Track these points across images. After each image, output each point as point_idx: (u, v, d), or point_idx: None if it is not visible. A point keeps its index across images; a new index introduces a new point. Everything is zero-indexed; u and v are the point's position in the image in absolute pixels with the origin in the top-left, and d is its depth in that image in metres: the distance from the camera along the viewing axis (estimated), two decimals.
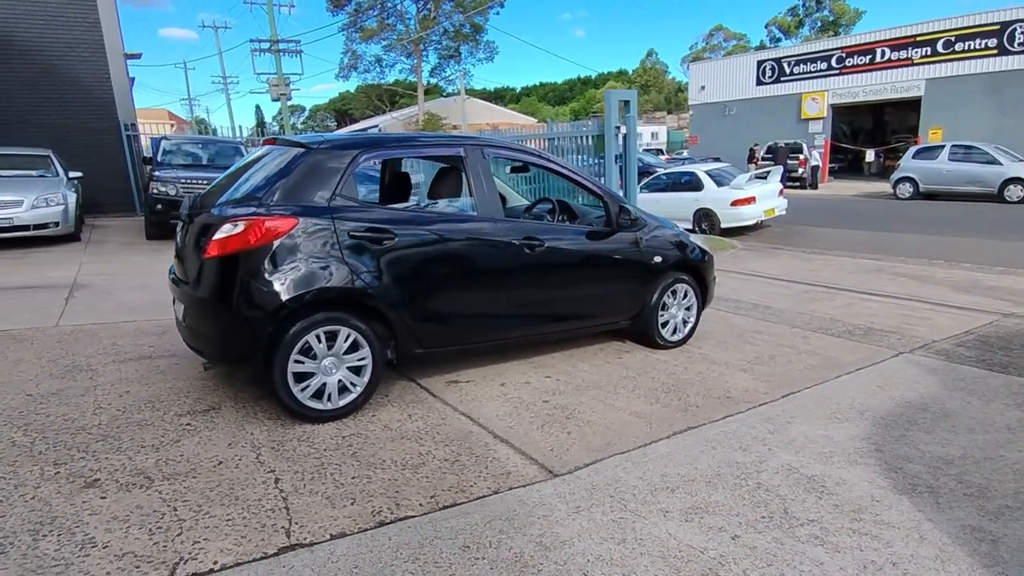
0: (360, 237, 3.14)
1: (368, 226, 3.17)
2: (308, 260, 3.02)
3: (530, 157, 4.01)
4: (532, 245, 3.69)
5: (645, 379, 3.93)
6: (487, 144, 3.79)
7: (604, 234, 4.10)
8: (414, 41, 43.54)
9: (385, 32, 43.86)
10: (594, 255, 4.03)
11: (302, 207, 3.05)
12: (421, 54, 44.66)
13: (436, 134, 3.98)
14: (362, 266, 3.14)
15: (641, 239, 4.26)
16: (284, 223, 2.98)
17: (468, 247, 3.49)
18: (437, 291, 3.42)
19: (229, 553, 2.07)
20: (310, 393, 3.10)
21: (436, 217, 3.52)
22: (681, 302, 4.57)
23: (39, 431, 2.96)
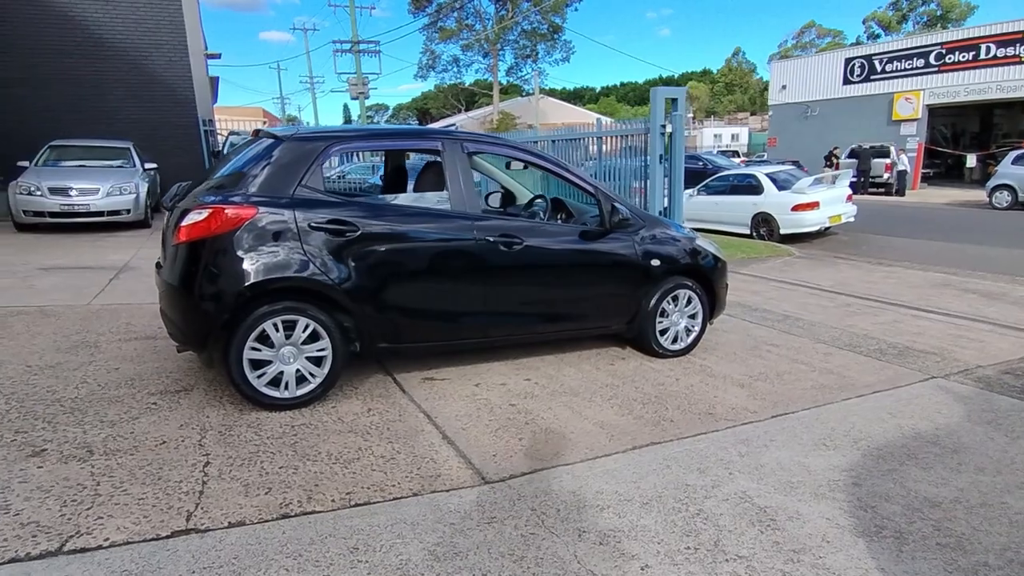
0: (321, 228, 3.14)
1: (329, 217, 3.16)
2: (267, 249, 3.05)
3: (514, 152, 3.88)
4: (509, 243, 3.57)
5: (628, 388, 3.72)
6: (466, 139, 3.70)
7: (596, 234, 3.92)
8: (491, 41, 43.99)
9: (463, 32, 44.52)
10: (581, 255, 3.85)
11: (264, 197, 3.09)
12: (498, 54, 45.05)
13: (412, 127, 3.94)
14: (322, 257, 3.14)
15: (637, 241, 4.03)
16: (243, 212, 3.02)
17: (436, 243, 3.42)
18: (402, 286, 3.37)
19: (124, 531, 2.11)
20: (266, 381, 3.13)
21: (404, 211, 3.46)
22: (684, 309, 4.30)
23: (19, 400, 3.16)
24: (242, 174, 3.17)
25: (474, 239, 3.48)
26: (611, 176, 9.68)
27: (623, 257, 3.97)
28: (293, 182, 3.15)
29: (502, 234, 3.56)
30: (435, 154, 3.59)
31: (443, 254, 3.44)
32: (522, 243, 3.61)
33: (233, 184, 3.13)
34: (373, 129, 3.56)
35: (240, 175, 3.17)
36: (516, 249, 3.59)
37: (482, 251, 3.50)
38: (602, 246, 3.91)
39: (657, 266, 4.09)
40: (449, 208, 3.51)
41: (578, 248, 3.84)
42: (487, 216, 3.59)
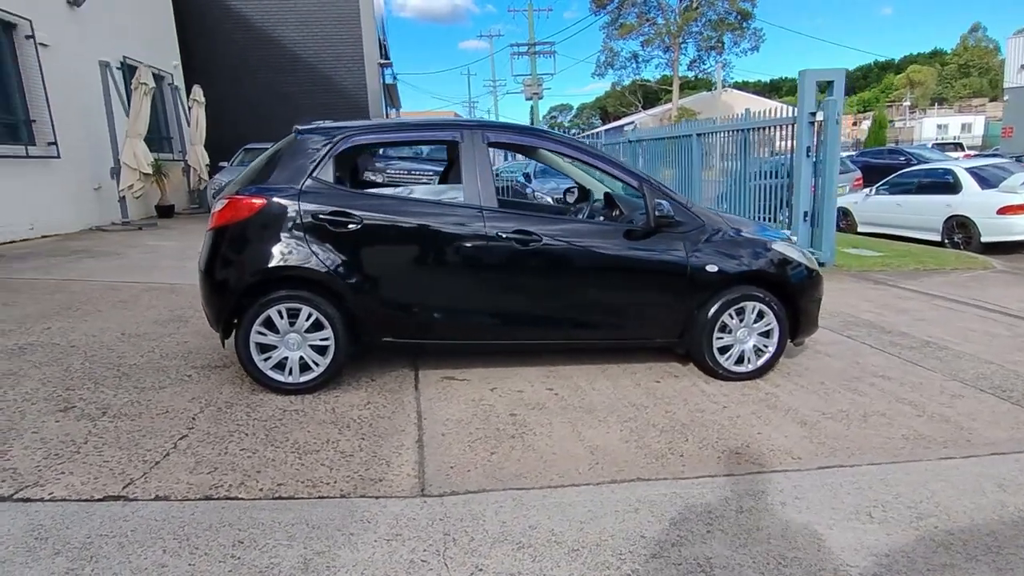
0: (324, 220, 3.18)
1: (332, 209, 3.19)
2: (272, 239, 3.17)
3: (540, 142, 3.56)
4: (524, 240, 3.30)
5: (655, 411, 3.23)
6: (488, 128, 3.49)
7: (638, 233, 3.46)
8: (673, 34, 42.26)
9: (643, 27, 43.33)
10: (614, 257, 3.43)
11: (275, 189, 3.21)
12: (679, 47, 43.13)
13: (434, 119, 3.79)
14: (323, 248, 3.18)
15: (690, 242, 3.48)
16: (252, 204, 3.17)
17: (442, 237, 3.27)
18: (404, 280, 3.29)
19: (69, 489, 2.31)
20: (271, 364, 3.26)
21: (411, 204, 3.36)
22: (752, 325, 3.63)
23: (92, 362, 3.68)
24: (266, 167, 3.33)
25: (484, 235, 3.27)
26: (745, 177, 8.66)
27: (668, 260, 3.46)
28: (303, 175, 3.24)
29: (517, 230, 3.30)
30: (454, 146, 3.44)
31: (449, 249, 3.29)
32: (540, 240, 3.31)
33: (257, 177, 3.31)
34: (389, 123, 3.52)
35: (264, 168, 3.33)
36: (533, 247, 3.31)
37: (493, 248, 3.28)
38: (642, 247, 3.45)
39: (714, 272, 3.49)
40: (461, 201, 3.35)
41: (611, 248, 3.42)
42: (501, 210, 3.35)
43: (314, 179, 3.23)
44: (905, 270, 7.67)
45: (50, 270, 6.26)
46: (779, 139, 8.16)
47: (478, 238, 3.27)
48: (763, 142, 8.54)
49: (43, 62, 9.12)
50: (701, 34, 42.83)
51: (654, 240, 3.46)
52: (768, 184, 8.36)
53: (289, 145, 3.34)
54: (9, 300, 5.01)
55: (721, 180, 9.72)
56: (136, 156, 10.19)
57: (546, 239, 3.32)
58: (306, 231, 3.17)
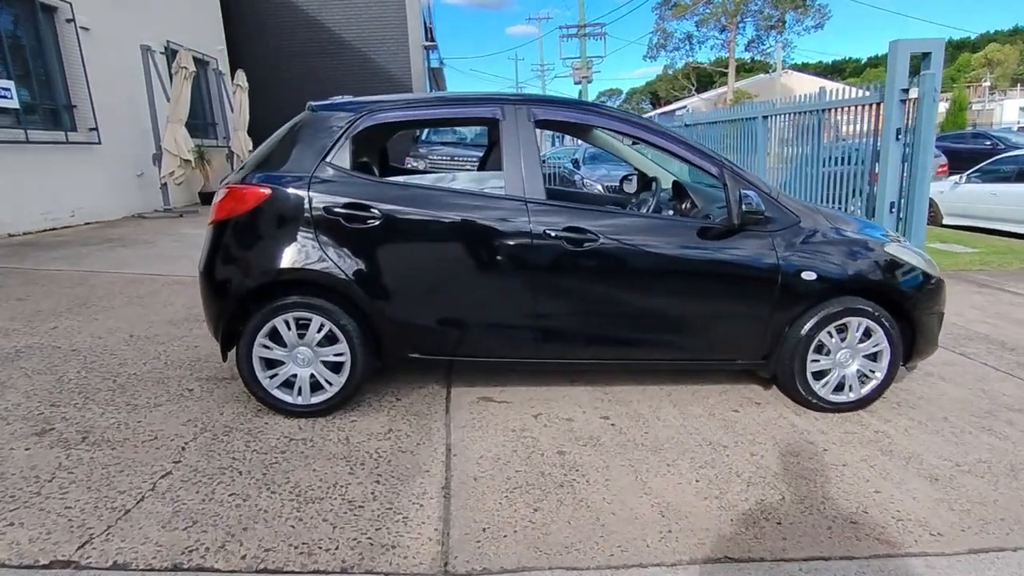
0: (338, 214, 2.66)
1: (346, 201, 2.66)
2: (278, 236, 2.68)
3: (599, 120, 2.93)
4: (578, 239, 2.70)
5: (738, 454, 2.61)
6: (536, 103, 2.88)
7: (717, 232, 2.82)
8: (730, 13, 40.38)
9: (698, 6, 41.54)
10: (686, 260, 2.79)
11: (281, 176, 2.71)
12: (737, 27, 41.18)
13: (468, 93, 3.19)
14: (337, 247, 2.67)
15: (780, 243, 2.82)
16: (256, 194, 2.68)
17: (476, 235, 2.71)
18: (431, 286, 2.75)
19: (12, 549, 1.87)
20: (278, 382, 2.79)
21: (442, 195, 2.78)
22: (856, 345, 2.95)
23: (89, 370, 3.30)
24: (275, 150, 2.84)
25: (529, 232, 2.69)
26: (816, 163, 7.77)
27: (754, 265, 2.81)
28: (315, 159, 2.72)
29: (569, 227, 2.71)
30: (495, 125, 2.86)
31: (486, 250, 2.72)
32: (596, 240, 2.71)
33: (264, 162, 2.82)
34: (417, 97, 2.96)
35: (274, 152, 2.84)
36: (588, 247, 2.71)
37: (539, 248, 2.70)
38: (721, 248, 2.80)
39: (811, 281, 2.82)
40: (502, 192, 2.77)
41: (682, 249, 2.79)
42: (550, 203, 2.75)
43: (328, 165, 2.72)
44: (1010, 270, 6.70)
45: (79, 260, 6.03)
46: (860, 120, 7.24)
47: (521, 236, 2.69)
48: (839, 124, 7.62)
49: (84, 46, 8.98)
50: (761, 12, 40.75)
51: (737, 240, 2.81)
52: (837, 171, 7.49)
53: (301, 124, 2.84)
54: (27, 294, 4.74)
55: (781, 167, 8.83)
56: (176, 142, 10.01)
57: (604, 238, 2.72)
58: (317, 227, 2.66)
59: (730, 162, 2.92)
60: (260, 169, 2.77)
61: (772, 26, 41.45)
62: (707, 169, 2.87)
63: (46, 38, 8.63)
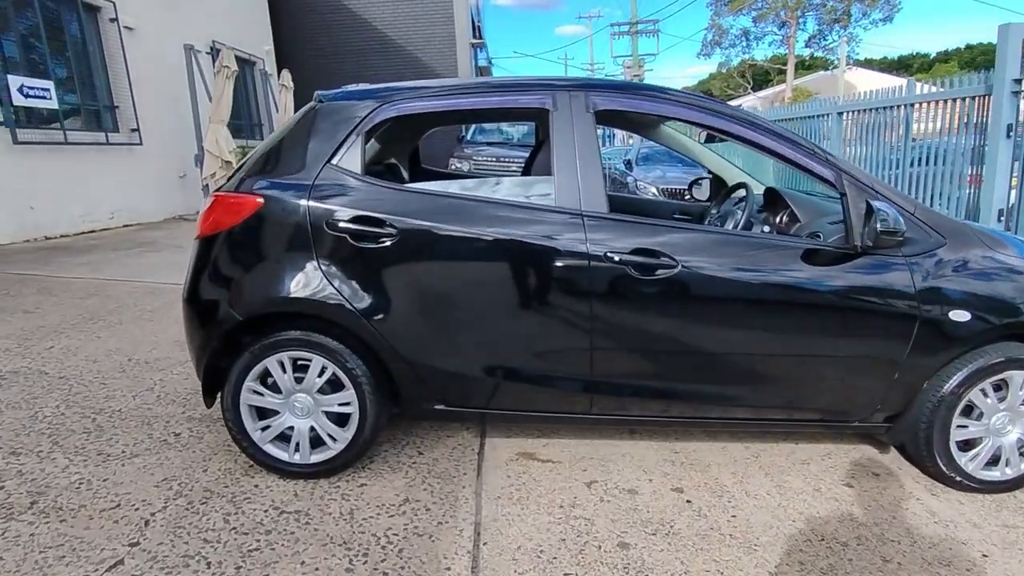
0: (343, 230, 2.11)
1: (355, 215, 2.11)
2: (270, 256, 2.15)
3: (681, 110, 2.26)
4: (649, 265, 2.07)
5: (863, 560, 1.93)
6: (595, 89, 2.25)
7: (831, 256, 2.14)
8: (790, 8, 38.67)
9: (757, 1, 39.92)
10: (797, 291, 2.12)
11: (277, 183, 2.18)
12: (797, 21, 39.39)
13: (512, 78, 2.56)
14: (342, 272, 2.12)
15: (918, 271, 2.12)
16: (244, 204, 2.16)
17: (517, 257, 2.11)
18: (459, 322, 2.17)
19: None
20: (271, 435, 2.27)
21: (472, 206, 2.16)
22: (1018, 407, 2.22)
23: (72, 404, 2.87)
24: (274, 150, 2.32)
25: (585, 255, 2.08)
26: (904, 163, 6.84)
27: (882, 301, 2.11)
28: (319, 162, 2.18)
29: (638, 249, 2.08)
30: (544, 117, 2.26)
31: (528, 277, 2.13)
32: (674, 267, 2.07)
33: (261, 164, 2.30)
34: (449, 84, 2.37)
35: (272, 152, 2.32)
36: (663, 275, 2.08)
37: (599, 276, 2.08)
38: (839, 277, 2.12)
39: (964, 323, 2.11)
40: (551, 203, 2.17)
41: (785, 278, 2.12)
42: (613, 217, 2.13)
43: (335, 168, 2.17)
44: None
45: (102, 266, 5.75)
46: (953, 116, 6.29)
47: (576, 260, 2.08)
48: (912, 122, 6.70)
49: (127, 46, 8.86)
50: (824, 5, 38.76)
51: (859, 267, 2.12)
52: (913, 172, 6.60)
53: (307, 118, 2.30)
54: (36, 305, 4.42)
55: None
56: (218, 143, 9.80)
57: (683, 264, 2.08)
58: (319, 246, 2.12)
59: (851, 166, 2.23)
60: (254, 173, 2.25)
61: (836, 20, 39.46)
62: (819, 174, 2.19)
63: (89, 38, 8.53)
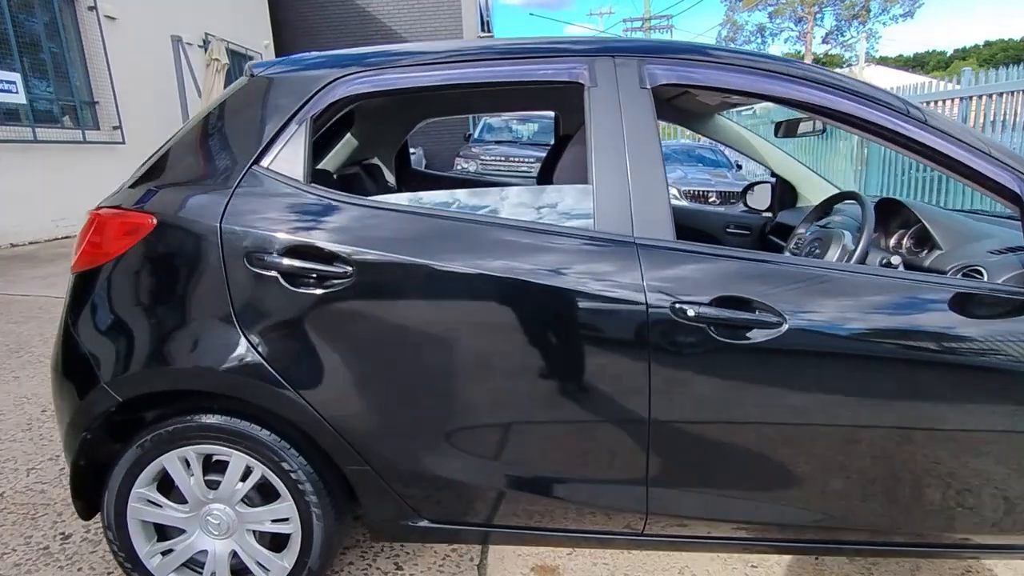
0: (273, 268, 1.38)
1: (291, 244, 1.38)
2: (165, 305, 1.43)
3: (781, 86, 1.48)
4: (741, 323, 1.33)
5: None
6: (654, 54, 1.50)
7: (1005, 305, 1.39)
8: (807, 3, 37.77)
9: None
10: (948, 356, 1.37)
11: (180, 194, 1.46)
12: (814, 17, 38.46)
13: (531, 40, 1.75)
14: (272, 331, 1.39)
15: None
16: (129, 226, 1.44)
17: (538, 310, 1.37)
18: (448, 404, 1.43)
19: None
20: (175, 563, 1.54)
21: (465, 229, 1.40)
22: None
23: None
24: (177, 147, 1.59)
25: (642, 307, 1.33)
26: None
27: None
28: (241, 163, 1.46)
29: (725, 299, 1.34)
30: (577, 95, 1.51)
31: (556, 339, 1.39)
32: (781, 324, 1.32)
33: (159, 166, 1.57)
34: (439, 50, 1.61)
35: (174, 149, 1.59)
36: (764, 340, 1.33)
37: (663, 339, 1.34)
38: (1016, 333, 1.37)
39: None
40: (589, 224, 1.42)
41: (942, 338, 1.37)
42: (685, 248, 1.38)
43: (263, 172, 1.45)
44: None
45: (61, 282, 5.07)
46: None
47: (626, 312, 1.34)
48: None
49: (108, 37, 8.19)
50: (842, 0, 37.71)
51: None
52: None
53: (231, 100, 1.58)
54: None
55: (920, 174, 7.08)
56: None
57: (795, 319, 1.33)
58: (237, 289, 1.39)
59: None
60: (148, 181, 1.53)
61: (855, 15, 38.47)
62: (994, 184, 1.44)
63: (67, 28, 7.87)
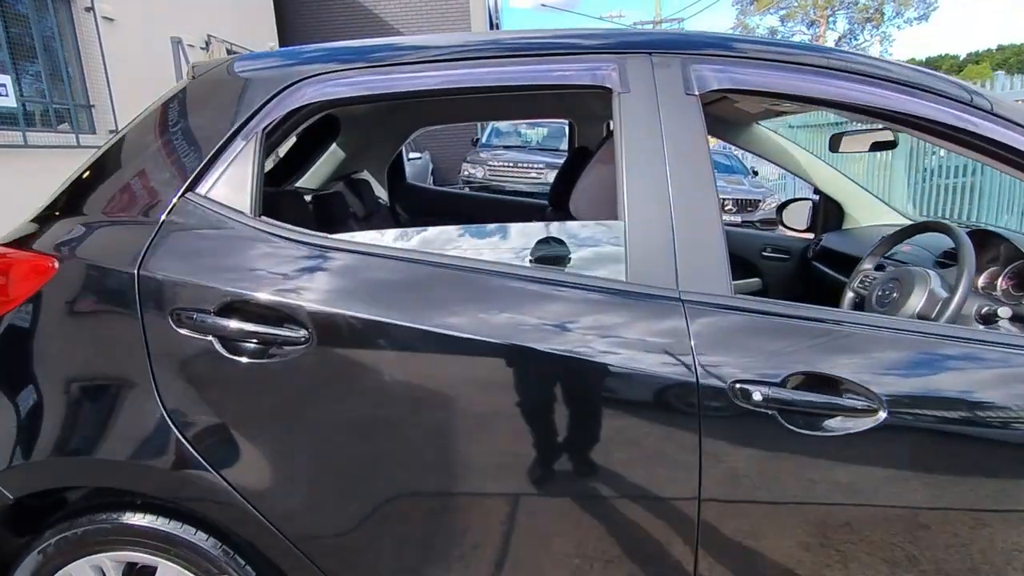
0: (207, 329, 1.06)
1: (228, 299, 1.06)
2: (68, 375, 1.11)
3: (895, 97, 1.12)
4: (820, 408, 0.99)
5: None
6: (700, 47, 1.15)
7: None
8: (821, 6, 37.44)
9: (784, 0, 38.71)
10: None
11: (91, 231, 1.14)
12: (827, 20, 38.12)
13: (547, 33, 1.40)
14: (205, 411, 1.07)
15: None
16: (24, 271, 1.13)
17: (555, 388, 1.04)
18: (444, 504, 1.10)
19: None
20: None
21: (462, 279, 1.06)
22: None
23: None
24: (95, 166, 1.28)
25: (692, 387, 1.00)
26: None
27: None
28: (170, 190, 1.14)
29: (800, 376, 1.00)
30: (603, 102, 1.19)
31: (578, 425, 1.05)
32: (876, 412, 0.99)
33: (68, 194, 1.26)
34: (430, 44, 1.28)
35: (92, 169, 1.28)
36: (854, 432, 0.99)
37: (719, 428, 1.01)
38: None
39: None
40: (623, 275, 1.08)
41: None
42: (745, 307, 1.04)
43: (198, 202, 1.13)
44: None
45: None
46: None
47: (672, 393, 1.01)
48: None
49: (105, 39, 7.95)
50: (856, 3, 37.27)
51: None
52: None
53: (167, 107, 1.27)
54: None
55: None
56: None
57: (894, 408, 0.98)
58: (160, 356, 1.07)
59: None
60: (58, 210, 1.22)
61: (868, 19, 38.08)
62: None
63: (60, 28, 7.63)
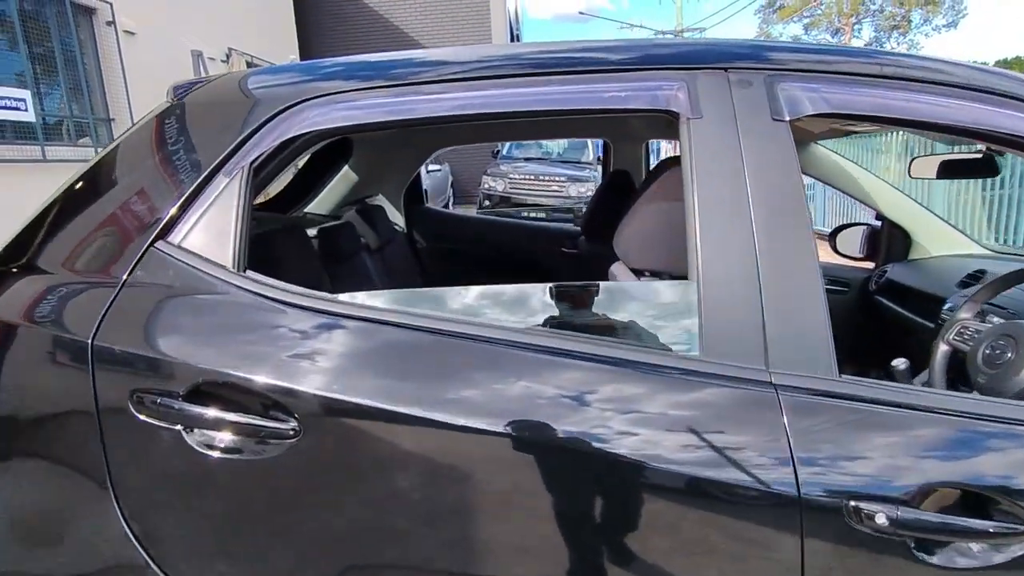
0: (174, 417, 0.84)
1: (206, 379, 0.84)
2: (9, 472, 0.90)
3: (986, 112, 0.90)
4: (956, 532, 0.74)
5: None
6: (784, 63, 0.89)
7: None
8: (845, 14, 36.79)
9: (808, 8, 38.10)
10: None
11: (39, 290, 0.94)
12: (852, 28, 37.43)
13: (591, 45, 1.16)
14: (174, 516, 0.86)
15: None
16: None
17: (608, 496, 0.81)
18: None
19: None
20: None
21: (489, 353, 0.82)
22: None
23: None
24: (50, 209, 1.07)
25: (794, 502, 0.75)
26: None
27: None
28: (137, 236, 0.93)
29: (935, 491, 0.75)
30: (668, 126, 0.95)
31: (643, 544, 0.81)
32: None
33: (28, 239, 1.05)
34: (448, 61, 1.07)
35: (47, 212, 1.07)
36: (996, 563, 0.73)
37: (833, 561, 0.76)
38: None
39: None
40: (696, 351, 0.84)
41: None
42: (862, 398, 0.79)
43: (169, 253, 0.91)
44: None
45: None
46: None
47: (763, 517, 0.76)
48: None
49: (126, 52, 7.93)
50: (882, 11, 36.58)
51: None
52: None
53: (135, 137, 1.06)
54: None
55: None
56: None
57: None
58: (116, 450, 0.85)
59: None
60: (6, 261, 1.01)
61: (895, 26, 37.28)
62: None
63: (81, 43, 7.62)
